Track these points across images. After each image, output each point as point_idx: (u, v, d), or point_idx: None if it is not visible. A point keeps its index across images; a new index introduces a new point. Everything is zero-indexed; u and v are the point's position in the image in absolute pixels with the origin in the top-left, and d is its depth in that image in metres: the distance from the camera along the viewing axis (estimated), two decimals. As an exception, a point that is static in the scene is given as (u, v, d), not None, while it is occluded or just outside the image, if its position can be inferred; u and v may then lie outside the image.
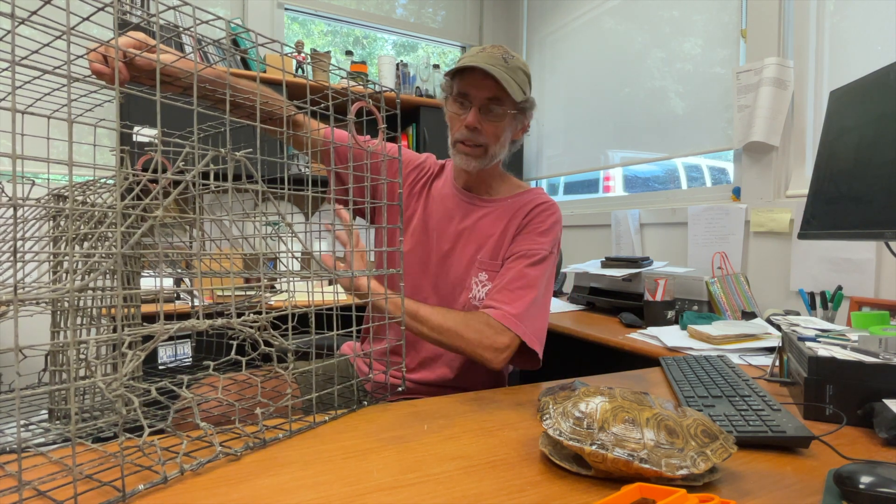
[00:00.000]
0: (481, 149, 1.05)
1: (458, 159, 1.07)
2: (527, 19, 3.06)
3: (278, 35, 2.64)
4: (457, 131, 1.05)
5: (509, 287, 0.99)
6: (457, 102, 1.05)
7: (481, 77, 0.99)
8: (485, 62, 0.98)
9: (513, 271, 1.01)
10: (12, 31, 0.44)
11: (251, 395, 0.83)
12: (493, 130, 1.04)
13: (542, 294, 1.02)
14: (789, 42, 1.68)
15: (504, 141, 1.07)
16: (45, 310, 0.72)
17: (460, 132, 1.04)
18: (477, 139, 1.04)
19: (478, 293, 1.06)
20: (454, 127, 1.07)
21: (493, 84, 0.99)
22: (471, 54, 1.03)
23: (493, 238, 1.08)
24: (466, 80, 1.02)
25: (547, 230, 1.07)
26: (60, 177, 1.97)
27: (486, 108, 1.03)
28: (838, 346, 0.81)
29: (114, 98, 0.54)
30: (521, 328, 0.95)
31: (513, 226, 1.08)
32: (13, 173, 0.43)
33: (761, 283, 1.72)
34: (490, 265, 1.07)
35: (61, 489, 0.50)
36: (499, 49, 1.03)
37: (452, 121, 1.07)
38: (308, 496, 0.51)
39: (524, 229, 1.07)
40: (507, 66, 1.00)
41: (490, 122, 1.03)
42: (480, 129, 1.03)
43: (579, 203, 2.72)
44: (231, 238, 0.85)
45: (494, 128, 1.04)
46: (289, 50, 0.76)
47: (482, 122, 1.03)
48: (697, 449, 0.53)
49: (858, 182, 0.99)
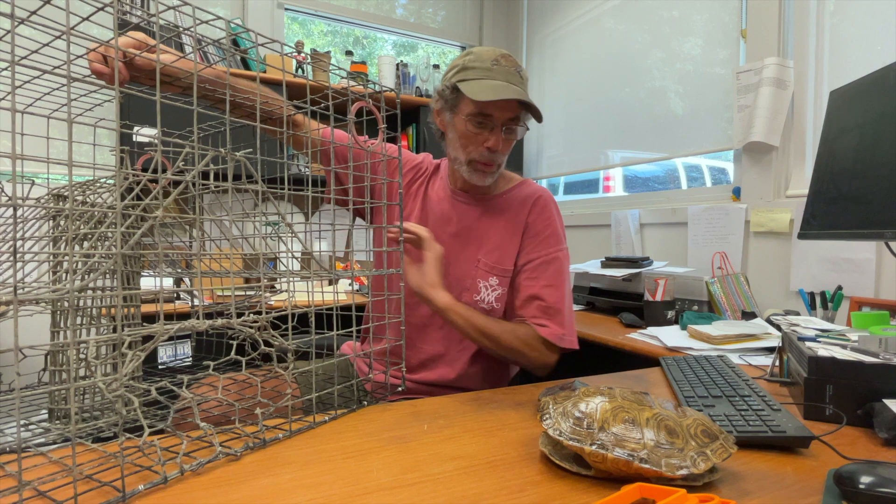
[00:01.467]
0: (496, 166, 1.06)
1: (473, 177, 1.05)
2: (527, 19, 3.06)
3: (278, 35, 2.64)
4: (474, 151, 1.02)
5: (548, 300, 1.03)
6: (474, 121, 1.00)
7: (506, 99, 0.96)
8: (507, 81, 0.96)
9: (541, 282, 1.05)
10: (12, 31, 0.44)
11: (251, 395, 0.83)
12: (508, 147, 1.05)
13: (570, 293, 1.08)
14: (789, 42, 1.68)
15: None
16: (45, 310, 0.72)
17: (479, 153, 1.02)
18: (496, 159, 1.04)
19: (487, 296, 1.07)
20: (468, 145, 1.03)
21: (516, 105, 0.99)
22: (484, 67, 0.98)
23: (495, 238, 1.07)
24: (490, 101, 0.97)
25: (556, 227, 1.09)
26: (60, 177, 1.97)
27: (508, 128, 1.02)
28: (838, 346, 0.81)
29: (113, 98, 0.54)
30: (567, 341, 1.02)
31: (515, 225, 1.08)
32: (13, 173, 0.43)
33: (761, 283, 1.72)
34: (500, 270, 1.07)
35: (61, 489, 0.50)
36: (509, 60, 0.99)
37: (466, 139, 1.02)
38: (308, 496, 0.51)
39: (533, 231, 1.08)
40: (522, 80, 0.99)
41: (507, 140, 1.03)
42: (500, 149, 1.02)
43: (579, 203, 2.71)
44: (231, 238, 0.85)
45: (509, 144, 1.05)
46: (289, 50, 0.76)
47: (502, 142, 1.02)
48: (697, 449, 0.53)
49: (858, 182, 0.99)
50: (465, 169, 1.05)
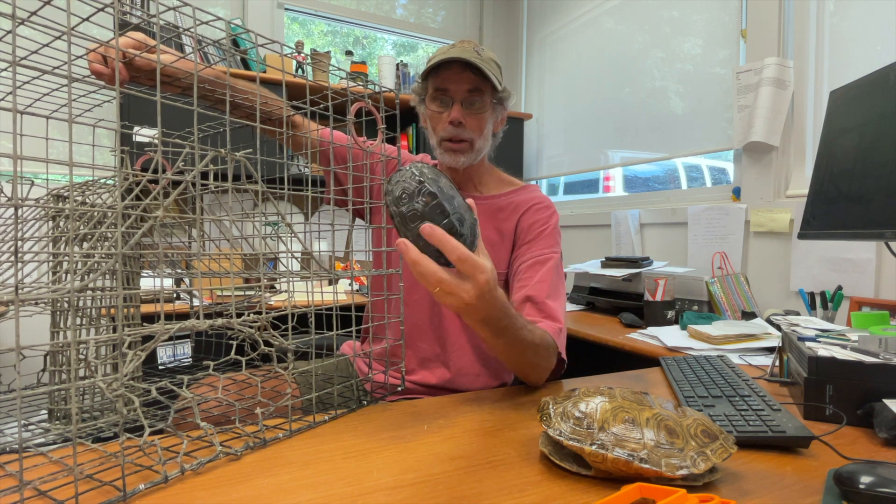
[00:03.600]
0: (467, 143, 1.04)
1: (445, 158, 1.05)
2: (527, 19, 3.06)
3: (278, 35, 2.64)
4: (440, 130, 1.04)
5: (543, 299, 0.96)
6: (436, 100, 1.04)
7: (459, 70, 0.99)
8: (459, 55, 0.97)
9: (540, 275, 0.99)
10: (13, 31, 0.44)
11: (251, 395, 0.83)
12: (476, 124, 1.04)
13: (564, 299, 1.02)
14: (789, 42, 1.68)
15: (487, 133, 1.07)
16: (45, 310, 0.72)
17: (444, 130, 1.03)
18: (462, 134, 1.03)
19: None
20: (437, 126, 1.05)
21: (471, 76, 0.99)
22: (441, 51, 1.02)
23: (489, 240, 1.06)
24: (443, 75, 1.01)
25: (551, 230, 1.07)
26: (60, 177, 1.97)
27: (468, 101, 1.02)
28: (838, 346, 0.81)
29: (113, 98, 0.54)
30: (560, 344, 0.91)
31: (509, 227, 1.07)
32: (13, 173, 0.43)
33: (761, 283, 1.72)
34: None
35: (62, 489, 0.50)
36: (469, 43, 1.02)
37: (434, 120, 1.06)
38: (308, 496, 0.51)
39: (530, 233, 1.06)
40: (480, 57, 1.00)
41: (472, 115, 1.03)
42: (465, 123, 1.02)
43: (579, 203, 2.72)
44: (231, 238, 0.85)
45: (478, 120, 1.04)
46: (288, 50, 0.76)
47: (465, 116, 1.02)
48: (697, 449, 0.53)
49: (858, 182, 0.99)
50: (439, 152, 1.06)
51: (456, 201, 0.65)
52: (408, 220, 0.64)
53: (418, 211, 0.63)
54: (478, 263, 0.64)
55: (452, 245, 0.62)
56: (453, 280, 0.64)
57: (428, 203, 0.63)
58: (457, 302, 0.66)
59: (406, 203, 0.63)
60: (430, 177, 0.64)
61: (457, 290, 0.64)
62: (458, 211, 0.65)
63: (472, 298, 0.65)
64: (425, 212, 0.63)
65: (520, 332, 0.78)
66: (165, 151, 0.67)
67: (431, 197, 0.63)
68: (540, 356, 0.85)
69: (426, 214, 0.63)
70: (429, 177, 0.64)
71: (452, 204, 0.64)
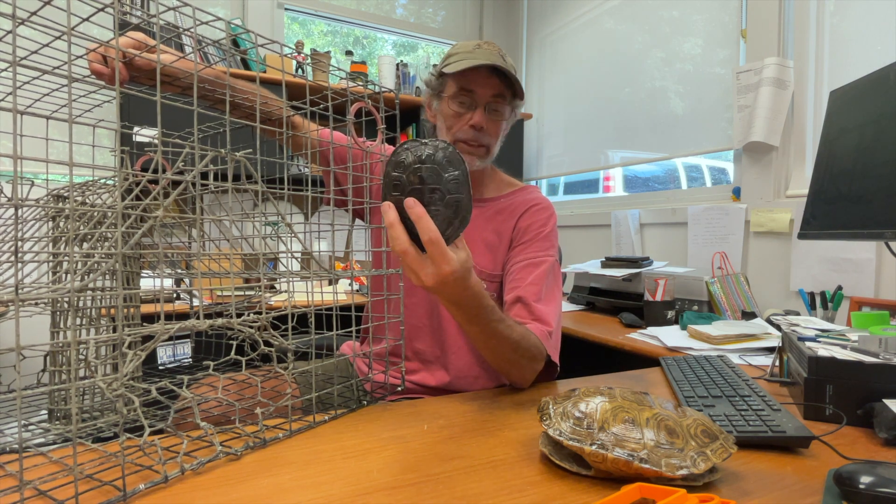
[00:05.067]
0: (484, 148, 1.04)
1: None
2: (527, 19, 3.06)
3: (278, 35, 2.64)
4: (458, 130, 1.02)
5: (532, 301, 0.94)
6: (457, 101, 1.02)
7: (486, 74, 0.98)
8: (488, 60, 0.96)
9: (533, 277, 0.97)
10: (13, 31, 0.44)
11: (251, 395, 0.83)
12: (495, 129, 1.03)
13: (559, 303, 1.00)
14: (789, 42, 1.68)
15: (502, 138, 1.06)
16: (45, 310, 0.72)
17: (463, 131, 1.01)
18: (481, 139, 1.02)
19: None
20: (453, 125, 1.03)
21: (497, 81, 0.99)
22: (466, 51, 1.00)
23: (487, 242, 1.06)
24: (470, 77, 0.99)
25: (549, 233, 1.05)
26: (60, 177, 1.97)
27: (492, 106, 1.01)
28: (838, 346, 0.81)
29: (113, 98, 0.54)
30: (551, 347, 0.90)
31: (507, 228, 1.06)
32: (14, 173, 0.43)
33: (761, 283, 1.72)
34: (488, 276, 1.05)
35: (62, 489, 0.50)
36: (494, 47, 1.00)
37: (451, 119, 1.03)
38: (308, 496, 0.51)
39: (527, 234, 1.05)
40: (505, 63, 0.99)
41: (493, 121, 1.02)
42: (485, 128, 1.01)
43: (579, 203, 2.72)
44: (231, 238, 0.85)
45: (496, 126, 1.03)
46: (288, 50, 0.76)
47: (486, 121, 1.01)
48: (697, 449, 0.53)
49: (858, 182, 0.99)
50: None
51: (459, 192, 0.64)
52: (405, 185, 0.63)
53: (416, 183, 0.62)
54: (446, 253, 0.63)
55: (427, 226, 0.62)
56: (418, 256, 0.64)
57: (424, 179, 0.62)
58: (416, 280, 0.66)
59: (411, 170, 0.62)
60: (449, 158, 0.63)
61: (418, 269, 0.65)
62: (456, 201, 0.64)
63: (432, 283, 0.65)
64: (423, 186, 0.62)
65: (495, 325, 0.78)
66: (165, 151, 0.67)
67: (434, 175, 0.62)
68: (520, 354, 0.84)
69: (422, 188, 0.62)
70: (448, 157, 0.63)
71: (452, 192, 0.63)
